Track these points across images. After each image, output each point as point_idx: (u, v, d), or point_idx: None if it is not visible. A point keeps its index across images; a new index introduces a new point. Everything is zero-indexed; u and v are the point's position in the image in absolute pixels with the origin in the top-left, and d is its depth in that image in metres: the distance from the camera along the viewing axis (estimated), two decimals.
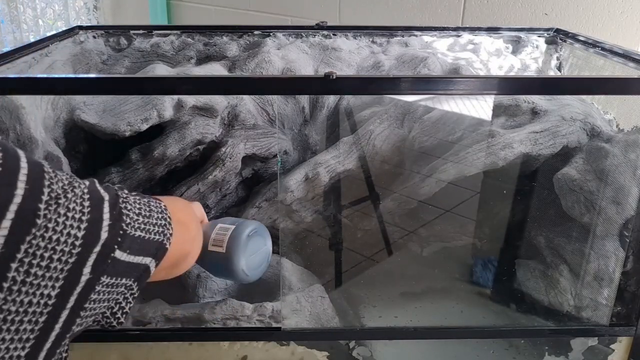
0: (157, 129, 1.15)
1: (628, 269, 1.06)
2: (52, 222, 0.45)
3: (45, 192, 0.44)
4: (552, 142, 1.11)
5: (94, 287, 0.50)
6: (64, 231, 0.45)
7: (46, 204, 0.44)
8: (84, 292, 0.49)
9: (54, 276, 0.46)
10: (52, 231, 0.45)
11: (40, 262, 0.44)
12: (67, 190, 0.47)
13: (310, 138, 1.29)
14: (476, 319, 1.20)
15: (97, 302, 0.51)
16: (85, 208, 0.48)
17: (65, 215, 0.46)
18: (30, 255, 0.43)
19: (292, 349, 1.05)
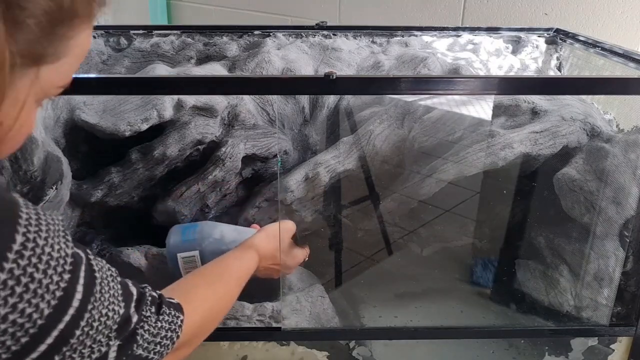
0: (157, 129, 1.15)
1: (628, 269, 1.06)
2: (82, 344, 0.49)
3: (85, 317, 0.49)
4: (552, 142, 1.11)
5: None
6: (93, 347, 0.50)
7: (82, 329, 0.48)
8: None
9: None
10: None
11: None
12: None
13: (310, 138, 1.29)
14: (476, 319, 1.20)
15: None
16: (112, 331, 0.52)
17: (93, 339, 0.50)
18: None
19: (292, 349, 1.05)
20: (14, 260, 0.43)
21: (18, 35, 0.41)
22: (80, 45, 0.47)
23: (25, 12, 0.41)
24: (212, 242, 0.98)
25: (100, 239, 1.21)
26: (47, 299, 0.45)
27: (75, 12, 0.45)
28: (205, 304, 0.71)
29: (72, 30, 0.46)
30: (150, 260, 1.12)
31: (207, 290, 0.74)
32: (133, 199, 1.20)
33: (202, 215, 1.22)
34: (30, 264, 0.44)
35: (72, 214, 1.16)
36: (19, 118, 0.45)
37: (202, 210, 1.21)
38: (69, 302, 0.47)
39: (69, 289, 0.47)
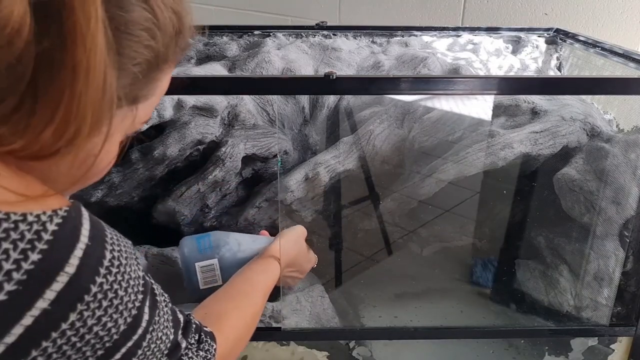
0: (157, 129, 1.15)
1: (628, 269, 1.06)
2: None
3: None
4: (552, 142, 1.11)
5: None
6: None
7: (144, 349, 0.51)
8: None
9: None
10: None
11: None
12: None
13: (310, 138, 1.29)
14: (476, 319, 1.20)
15: None
16: (164, 356, 0.55)
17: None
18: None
19: (292, 349, 1.05)
20: (104, 275, 0.46)
21: (122, 81, 0.46)
22: (164, 84, 0.54)
23: (131, 60, 0.46)
24: (229, 249, 0.98)
25: None
26: (124, 315, 0.48)
27: (166, 58, 0.51)
28: (235, 331, 0.74)
29: (161, 73, 0.52)
30: (150, 260, 1.12)
31: (238, 316, 0.76)
32: (133, 199, 1.20)
33: (202, 215, 1.22)
34: (115, 281, 0.47)
35: None
36: (105, 148, 0.48)
37: (202, 210, 1.22)
38: (140, 321, 0.50)
39: (141, 309, 0.50)
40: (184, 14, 0.52)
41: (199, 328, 0.64)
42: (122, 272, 0.48)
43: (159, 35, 0.48)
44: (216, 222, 1.23)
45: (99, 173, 0.52)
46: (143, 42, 0.47)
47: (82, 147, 0.45)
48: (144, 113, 0.53)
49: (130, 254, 0.50)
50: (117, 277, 0.47)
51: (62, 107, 0.41)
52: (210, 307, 0.77)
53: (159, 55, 0.49)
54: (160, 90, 0.53)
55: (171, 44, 0.50)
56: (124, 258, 0.48)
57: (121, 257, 0.48)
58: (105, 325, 0.46)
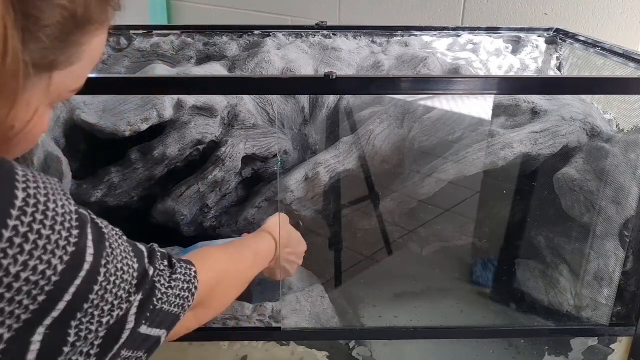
0: (157, 129, 1.15)
1: (628, 269, 1.06)
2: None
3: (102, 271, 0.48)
4: (552, 142, 1.11)
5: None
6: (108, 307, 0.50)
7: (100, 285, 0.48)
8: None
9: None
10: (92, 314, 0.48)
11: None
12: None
13: (310, 138, 1.29)
14: (476, 319, 1.20)
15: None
16: (132, 286, 0.52)
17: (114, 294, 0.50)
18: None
19: (292, 349, 1.05)
20: (17, 217, 0.42)
21: (31, 45, 0.41)
22: (94, 49, 0.48)
23: (39, 23, 0.41)
24: None
25: None
26: (58, 254, 0.44)
27: (89, 19, 0.45)
28: (219, 264, 0.70)
29: (85, 36, 0.46)
30: None
31: (222, 254, 0.73)
32: (133, 199, 1.20)
33: (202, 215, 1.22)
34: (35, 221, 0.43)
35: None
36: (30, 121, 0.44)
37: (202, 210, 1.22)
38: (82, 257, 0.46)
39: (80, 244, 0.46)
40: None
41: (166, 255, 0.60)
42: (42, 211, 0.44)
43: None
44: (216, 222, 1.23)
45: (24, 144, 0.47)
46: (54, 1, 0.41)
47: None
48: (70, 80, 0.47)
49: (54, 190, 0.46)
50: (37, 217, 0.43)
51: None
52: (192, 251, 0.73)
53: (77, 17, 0.43)
54: (90, 55, 0.47)
55: (94, 2, 0.45)
56: (42, 195, 0.44)
57: (39, 195, 0.44)
58: (35, 269, 0.43)
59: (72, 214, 0.47)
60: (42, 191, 0.45)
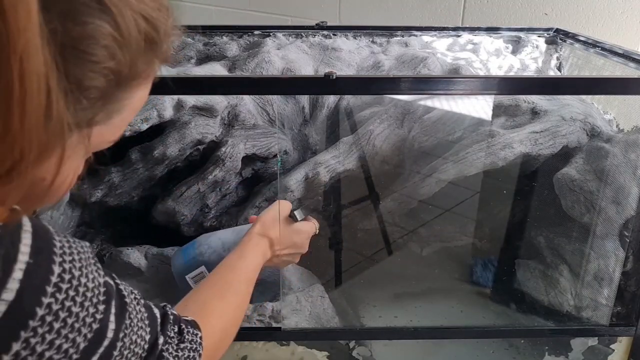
0: (157, 129, 1.15)
1: (628, 269, 1.06)
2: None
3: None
4: (552, 142, 1.11)
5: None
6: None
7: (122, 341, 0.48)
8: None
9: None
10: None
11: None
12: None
13: (310, 138, 1.29)
14: (476, 319, 1.20)
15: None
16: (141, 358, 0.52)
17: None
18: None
19: (292, 349, 1.05)
20: (52, 294, 0.41)
21: (73, 106, 0.39)
22: (136, 102, 0.46)
23: (83, 85, 0.39)
24: (212, 252, 0.96)
25: (100, 239, 1.21)
26: (83, 332, 0.44)
27: (134, 76, 0.43)
28: (221, 320, 0.70)
29: (128, 92, 0.44)
30: (150, 260, 1.12)
31: (221, 304, 0.72)
32: (133, 199, 1.20)
33: (202, 215, 1.22)
34: (68, 298, 0.42)
35: (72, 214, 1.16)
36: (59, 173, 0.42)
37: (202, 210, 1.22)
38: (104, 334, 0.46)
39: (104, 321, 0.46)
40: (162, 20, 0.43)
41: (177, 319, 0.60)
42: (75, 286, 0.43)
43: (120, 53, 0.39)
44: (216, 222, 1.23)
45: (56, 195, 0.45)
46: (100, 63, 0.38)
47: (29, 174, 0.38)
48: (108, 132, 0.45)
49: (87, 261, 0.45)
50: (70, 293, 0.42)
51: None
52: (191, 298, 0.72)
53: (122, 75, 0.41)
54: (131, 108, 0.45)
55: (141, 58, 0.42)
56: (77, 269, 0.43)
57: (74, 269, 0.43)
58: (60, 347, 0.42)
59: (100, 287, 0.46)
60: (77, 264, 0.44)
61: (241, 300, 0.77)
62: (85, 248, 0.46)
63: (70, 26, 0.36)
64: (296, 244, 0.94)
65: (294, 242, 0.93)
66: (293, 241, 0.93)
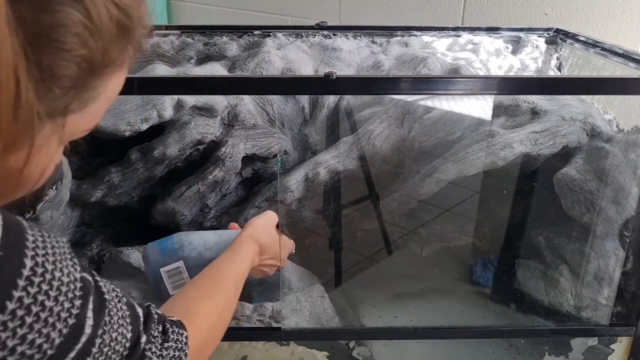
0: (157, 129, 1.15)
1: (628, 269, 1.06)
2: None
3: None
4: (552, 142, 1.11)
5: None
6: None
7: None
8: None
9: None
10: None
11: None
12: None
13: (310, 138, 1.29)
14: (476, 319, 1.20)
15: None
16: (123, 357, 0.51)
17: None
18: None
19: (292, 349, 1.05)
20: (23, 287, 0.40)
21: (45, 96, 0.39)
22: (111, 90, 0.46)
23: (55, 75, 0.39)
24: (193, 249, 0.92)
25: (100, 239, 1.21)
26: (58, 327, 0.43)
27: (107, 63, 0.43)
28: (208, 320, 0.69)
29: (102, 80, 0.43)
30: None
31: (208, 304, 0.71)
32: (133, 199, 1.20)
33: (202, 215, 1.22)
34: (40, 291, 0.41)
35: (72, 214, 1.16)
36: (29, 162, 0.41)
37: (202, 210, 1.22)
38: (81, 329, 0.45)
39: (80, 316, 0.45)
40: (134, 7, 0.43)
41: (162, 318, 0.58)
42: (48, 280, 0.42)
43: (92, 41, 0.39)
44: (216, 222, 1.23)
45: (29, 185, 0.44)
46: (71, 51, 0.38)
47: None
48: (83, 120, 0.44)
49: (61, 256, 0.44)
50: (42, 287, 0.41)
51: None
52: (178, 298, 0.71)
53: (94, 63, 0.40)
54: (106, 96, 0.45)
55: (113, 45, 0.42)
56: (50, 263, 0.42)
57: (47, 263, 0.42)
58: (33, 342, 0.41)
59: (76, 282, 0.45)
60: (50, 258, 0.43)
61: (229, 301, 0.76)
62: (60, 243, 0.45)
63: (41, 15, 0.36)
64: (277, 257, 0.94)
65: (277, 253, 0.93)
66: (277, 252, 0.93)
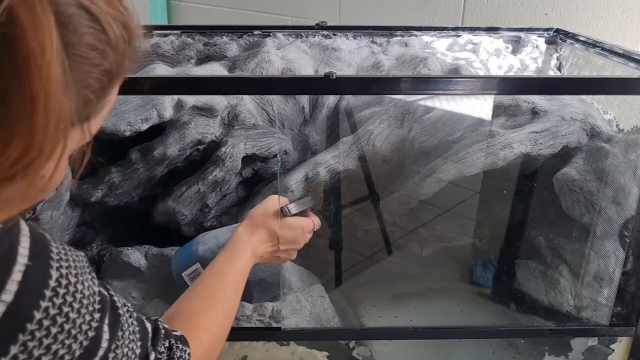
0: (157, 129, 1.15)
1: (628, 269, 1.06)
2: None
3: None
4: (552, 142, 1.11)
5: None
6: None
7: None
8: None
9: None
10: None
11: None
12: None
13: (310, 138, 1.29)
14: (476, 319, 1.20)
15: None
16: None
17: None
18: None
19: (292, 349, 1.05)
20: (49, 298, 0.41)
21: (75, 104, 0.43)
22: (113, 97, 0.50)
23: (84, 83, 0.43)
24: (207, 249, 0.96)
25: (100, 239, 1.21)
26: (79, 339, 0.44)
27: (119, 74, 0.48)
28: (209, 333, 0.70)
29: (112, 89, 0.48)
30: (150, 260, 1.12)
31: (209, 316, 0.72)
32: (133, 199, 1.20)
33: (202, 215, 1.22)
34: (65, 303, 0.43)
35: (72, 214, 1.16)
36: (58, 169, 0.44)
37: (202, 210, 1.22)
38: (99, 343, 0.46)
39: (99, 329, 0.46)
40: (133, 25, 0.49)
41: (168, 334, 0.60)
42: (72, 292, 0.43)
43: (111, 54, 0.45)
44: (216, 222, 1.23)
45: (48, 191, 0.47)
46: (96, 64, 0.44)
47: (38, 172, 0.41)
48: (95, 126, 0.49)
49: (82, 269, 0.46)
50: (67, 298, 0.43)
51: (19, 137, 0.38)
52: (180, 308, 0.72)
53: (112, 74, 0.46)
54: (110, 103, 0.50)
55: (123, 59, 0.48)
56: (73, 275, 0.44)
57: (70, 275, 0.44)
58: (56, 353, 0.42)
59: (95, 295, 0.46)
60: (73, 271, 0.44)
61: (230, 307, 0.77)
62: (80, 257, 0.47)
63: (74, 37, 0.41)
64: (288, 240, 0.91)
65: (285, 237, 0.91)
66: (284, 237, 0.91)
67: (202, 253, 0.96)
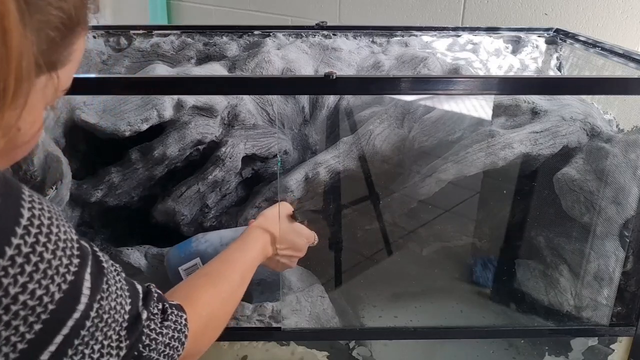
0: (157, 129, 1.15)
1: (628, 269, 1.06)
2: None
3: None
4: (552, 142, 1.11)
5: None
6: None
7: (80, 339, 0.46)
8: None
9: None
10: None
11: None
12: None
13: (310, 138, 1.29)
14: (476, 319, 1.20)
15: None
16: (123, 328, 0.51)
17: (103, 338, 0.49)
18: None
19: (292, 349, 1.05)
20: (21, 235, 0.41)
21: (38, 45, 0.43)
22: (80, 50, 0.50)
23: (45, 23, 0.43)
24: (210, 245, 0.96)
25: (100, 239, 1.21)
26: (57, 281, 0.43)
27: (79, 21, 0.47)
28: (209, 306, 0.68)
29: (76, 37, 0.48)
30: (150, 260, 1.12)
31: (210, 292, 0.70)
32: (133, 199, 1.20)
33: (202, 215, 1.22)
34: (38, 242, 0.42)
35: (72, 214, 1.16)
36: (34, 122, 0.45)
37: (202, 210, 1.22)
38: (79, 289, 0.45)
39: (79, 274, 0.45)
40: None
41: (161, 297, 0.59)
42: (45, 233, 0.43)
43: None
44: (216, 222, 1.23)
45: (25, 145, 0.47)
46: (54, 4, 0.44)
47: (3, 118, 0.41)
48: (64, 79, 0.49)
49: (56, 214, 0.45)
50: (40, 238, 0.43)
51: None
52: (181, 284, 0.71)
53: (72, 17, 0.46)
54: (77, 56, 0.50)
55: (80, 4, 0.47)
56: (46, 218, 0.44)
57: (43, 217, 0.43)
58: (33, 293, 0.41)
59: (73, 242, 0.46)
60: (47, 214, 0.44)
61: (234, 289, 0.75)
62: (56, 207, 0.46)
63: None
64: (296, 245, 0.93)
65: (295, 242, 0.92)
66: (294, 241, 0.92)
67: (204, 249, 0.96)
